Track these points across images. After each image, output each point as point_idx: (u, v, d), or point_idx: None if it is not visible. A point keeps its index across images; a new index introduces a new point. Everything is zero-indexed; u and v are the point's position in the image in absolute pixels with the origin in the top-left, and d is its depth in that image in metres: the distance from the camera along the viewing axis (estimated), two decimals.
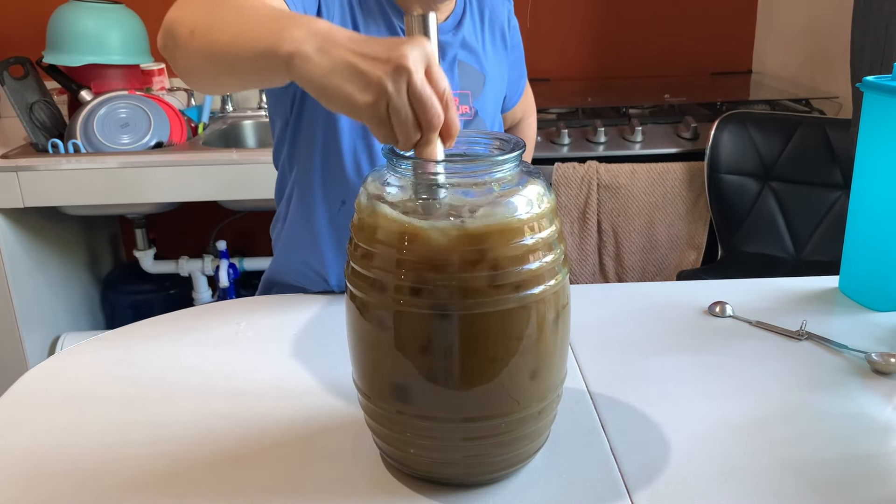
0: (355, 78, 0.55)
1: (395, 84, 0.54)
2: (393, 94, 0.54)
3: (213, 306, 1.02)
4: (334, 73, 0.57)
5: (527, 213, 0.58)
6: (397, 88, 0.54)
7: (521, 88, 1.25)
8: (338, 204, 0.99)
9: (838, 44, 2.05)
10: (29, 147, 1.93)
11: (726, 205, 1.94)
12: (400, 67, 0.54)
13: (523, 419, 0.61)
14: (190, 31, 0.70)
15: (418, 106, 0.55)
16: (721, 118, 1.94)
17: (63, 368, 0.86)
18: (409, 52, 0.54)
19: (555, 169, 1.94)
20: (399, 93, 0.54)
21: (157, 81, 2.08)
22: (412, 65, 0.54)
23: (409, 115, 0.55)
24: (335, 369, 0.83)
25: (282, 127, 1.01)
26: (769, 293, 1.02)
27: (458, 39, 1.03)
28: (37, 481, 0.66)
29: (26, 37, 2.26)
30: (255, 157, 1.82)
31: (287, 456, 0.69)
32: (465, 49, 1.04)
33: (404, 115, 0.55)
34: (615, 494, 0.63)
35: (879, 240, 0.95)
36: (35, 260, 1.98)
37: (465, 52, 1.04)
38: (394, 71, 0.54)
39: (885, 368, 0.81)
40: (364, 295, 0.60)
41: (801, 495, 0.63)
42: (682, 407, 0.76)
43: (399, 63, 0.54)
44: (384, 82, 0.54)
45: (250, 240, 2.52)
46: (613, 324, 0.94)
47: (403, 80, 0.54)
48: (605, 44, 2.54)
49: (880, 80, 0.93)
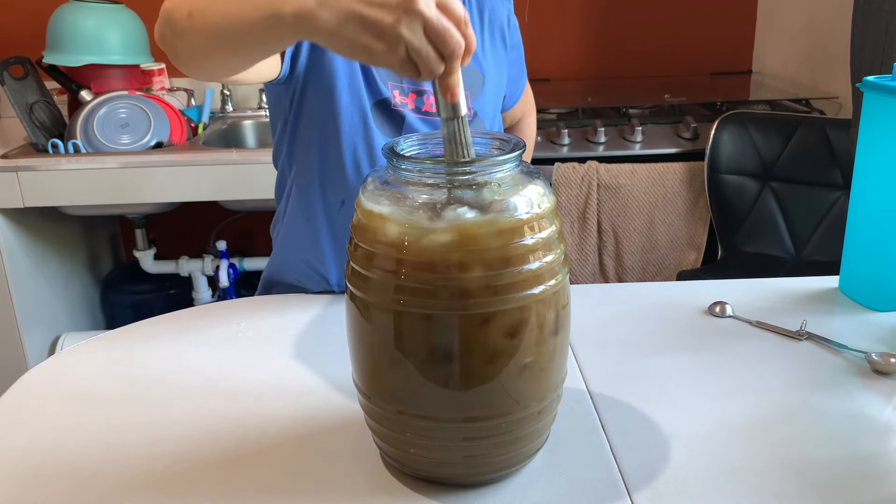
0: (367, 28, 0.55)
1: (410, 28, 0.54)
2: (410, 38, 0.54)
3: (213, 306, 1.02)
4: (344, 25, 0.56)
5: (527, 213, 0.58)
6: (412, 30, 0.54)
7: (520, 88, 1.25)
8: (338, 204, 0.99)
9: (838, 44, 2.05)
10: (29, 147, 1.93)
11: (726, 205, 1.94)
12: (410, 11, 0.53)
13: (523, 419, 0.61)
14: (188, 14, 0.69)
15: (439, 41, 0.54)
16: (721, 118, 1.94)
17: (63, 368, 0.86)
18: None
19: (555, 169, 1.94)
20: (416, 34, 0.54)
21: (157, 81, 2.08)
22: (421, 5, 0.54)
23: (430, 53, 0.55)
24: (335, 369, 0.83)
25: (281, 126, 1.01)
26: (769, 293, 1.02)
27: None
28: (37, 481, 0.66)
29: (26, 37, 2.26)
30: (255, 157, 1.82)
31: (287, 456, 0.69)
32: None
33: (426, 54, 0.55)
34: (615, 494, 0.63)
35: (879, 240, 0.95)
36: (35, 260, 1.98)
37: None
38: (405, 14, 0.54)
39: (885, 368, 0.81)
40: (364, 295, 0.60)
41: (801, 495, 0.63)
42: (682, 407, 0.76)
43: (408, 7, 0.53)
44: (398, 29, 0.54)
45: (250, 240, 2.52)
46: (613, 324, 0.94)
47: (418, 22, 0.54)
48: (605, 44, 2.54)
49: (880, 80, 0.93)
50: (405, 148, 0.63)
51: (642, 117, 2.05)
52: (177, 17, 0.71)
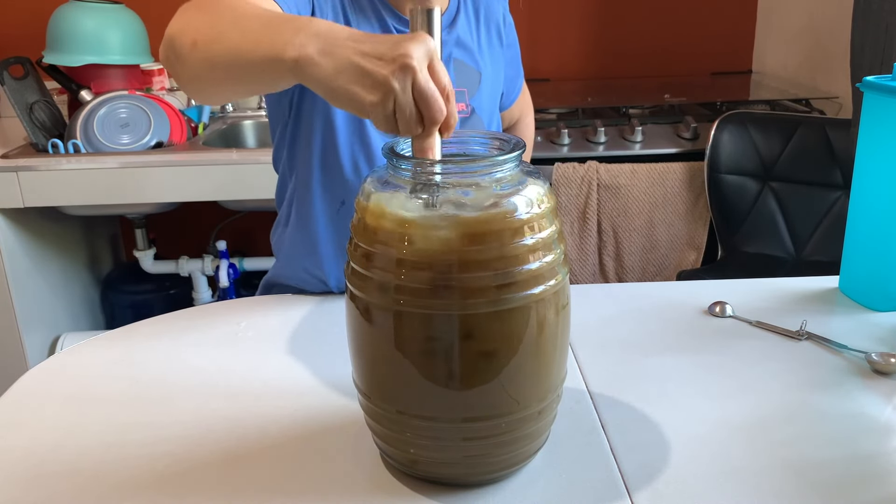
0: (361, 78, 0.56)
1: (400, 83, 0.55)
2: (399, 93, 0.55)
3: (213, 306, 1.02)
4: (340, 74, 0.57)
5: (527, 213, 0.58)
6: (403, 87, 0.55)
7: (518, 87, 1.25)
8: (337, 205, 0.99)
9: (838, 44, 2.05)
10: (29, 147, 1.93)
11: (726, 205, 1.94)
12: (405, 66, 0.55)
13: (523, 419, 0.61)
14: (192, 43, 0.70)
15: (422, 103, 0.56)
16: (721, 118, 1.94)
17: (63, 368, 0.86)
18: (413, 51, 0.55)
19: (555, 169, 1.94)
20: (405, 91, 0.55)
21: (157, 81, 2.08)
22: (416, 63, 0.55)
23: (413, 112, 0.56)
24: (335, 369, 0.83)
25: (281, 130, 1.01)
26: (769, 293, 1.02)
27: (453, 38, 1.03)
28: (37, 481, 0.66)
29: (26, 37, 2.26)
30: (255, 157, 1.82)
31: (287, 456, 0.69)
32: (460, 47, 1.04)
33: (409, 113, 0.56)
34: (615, 494, 0.63)
35: (879, 240, 0.95)
36: (35, 260, 1.98)
37: (459, 49, 1.04)
38: (399, 70, 0.55)
39: (885, 368, 0.81)
40: (364, 295, 0.60)
41: (801, 495, 0.63)
42: (682, 407, 0.76)
43: (404, 62, 0.55)
44: (390, 82, 0.55)
45: (250, 240, 2.52)
46: (613, 324, 0.94)
47: (409, 79, 0.55)
48: (605, 44, 2.54)
49: (880, 80, 0.93)
50: (405, 148, 0.63)
51: (642, 117, 2.05)
52: (180, 44, 0.71)
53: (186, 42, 0.70)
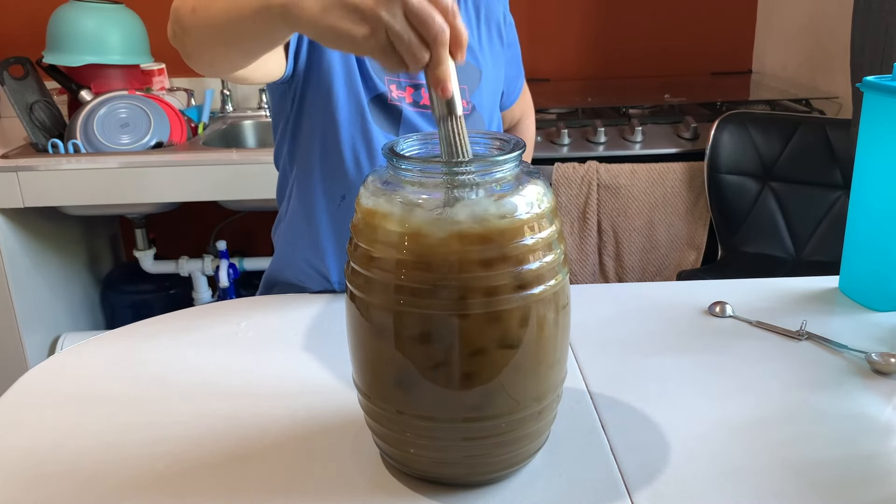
0: (349, 13, 0.55)
1: (388, 9, 0.53)
2: (389, 21, 0.53)
3: (213, 306, 1.02)
4: (327, 12, 0.56)
5: (527, 213, 0.58)
6: (392, 13, 0.53)
7: (518, 87, 1.25)
8: (338, 199, 1.00)
9: (838, 44, 2.05)
10: (29, 147, 1.93)
11: (726, 205, 1.94)
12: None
13: (523, 419, 0.61)
14: (191, 10, 0.72)
15: (420, 25, 0.53)
16: (721, 118, 1.94)
17: (63, 368, 0.86)
18: None
19: (555, 169, 1.94)
20: (395, 17, 0.53)
21: (157, 81, 2.08)
22: None
23: (412, 38, 0.54)
24: (335, 369, 0.83)
25: (283, 125, 1.01)
26: (769, 293, 1.02)
27: None
28: (37, 481, 0.66)
29: (26, 37, 2.26)
30: (255, 157, 1.82)
31: (287, 456, 0.69)
32: None
33: (407, 39, 0.54)
34: (615, 494, 0.63)
35: (879, 240, 0.95)
36: (35, 260, 1.98)
37: None
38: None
39: (885, 368, 0.81)
40: (364, 295, 0.60)
41: (801, 495, 0.63)
42: (682, 407, 0.76)
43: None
44: (377, 11, 0.53)
45: (250, 240, 2.52)
46: (613, 324, 0.94)
47: (397, 4, 0.53)
48: (605, 44, 2.54)
49: (880, 80, 0.93)
50: (405, 148, 0.63)
51: (642, 117, 2.05)
52: (182, 13, 0.73)
53: (187, 11, 0.72)
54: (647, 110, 2.14)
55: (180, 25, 0.74)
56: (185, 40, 0.74)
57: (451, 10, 0.55)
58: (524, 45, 1.22)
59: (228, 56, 0.74)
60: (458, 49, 0.56)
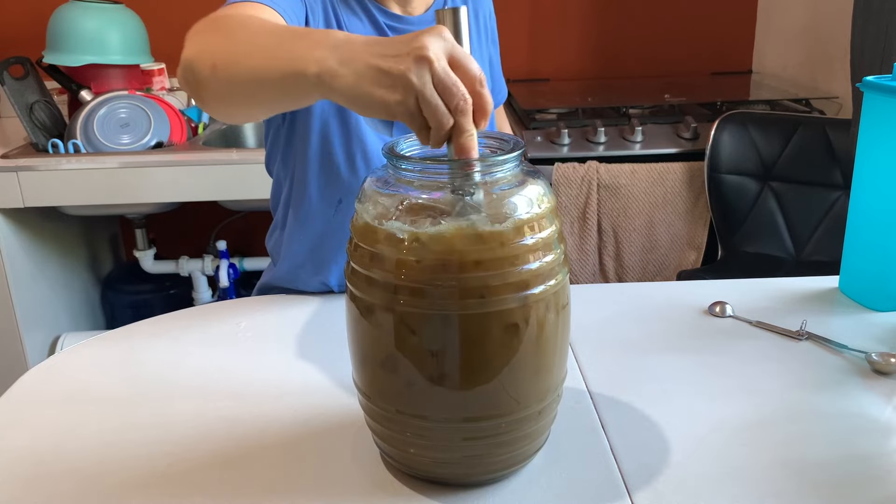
0: (382, 80, 0.56)
1: (418, 76, 0.54)
2: (419, 87, 0.54)
3: (213, 306, 1.02)
4: (362, 80, 0.57)
5: (527, 213, 0.58)
6: (421, 80, 0.54)
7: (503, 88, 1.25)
8: (335, 203, 0.99)
9: (838, 44, 2.05)
10: (29, 147, 1.93)
11: (726, 205, 1.94)
12: (420, 59, 0.54)
13: (523, 419, 0.61)
14: (211, 67, 0.69)
15: (443, 92, 0.55)
16: (721, 118, 1.94)
17: (63, 368, 0.86)
18: (428, 43, 0.54)
19: (555, 169, 1.94)
20: (424, 84, 0.54)
21: (157, 81, 2.08)
22: (432, 54, 0.54)
23: (437, 105, 0.55)
24: (335, 369, 0.83)
25: (275, 132, 1.01)
26: (769, 293, 1.02)
27: None
28: (37, 481, 0.66)
29: (26, 37, 2.26)
30: (255, 157, 1.82)
31: (287, 456, 0.69)
32: None
33: (434, 105, 0.55)
34: (615, 494, 0.63)
35: (879, 240, 0.95)
36: (35, 260, 1.98)
37: None
38: (415, 63, 0.54)
39: (885, 368, 0.81)
40: (364, 295, 0.60)
41: (801, 495, 0.63)
42: (682, 407, 0.76)
43: (419, 55, 0.54)
44: (408, 76, 0.54)
45: (250, 240, 2.52)
46: (613, 324, 0.94)
47: (426, 71, 0.54)
48: (605, 44, 2.54)
49: (880, 80, 0.93)
50: (405, 148, 0.63)
51: (642, 117, 2.05)
52: (200, 68, 0.70)
53: (205, 66, 0.69)
54: (647, 110, 2.14)
55: (196, 78, 0.71)
56: (202, 94, 0.72)
57: (479, 79, 0.56)
58: (524, 46, 1.22)
59: (251, 111, 0.73)
60: (482, 118, 0.57)
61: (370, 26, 0.97)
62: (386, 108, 0.56)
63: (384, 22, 0.98)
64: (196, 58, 0.71)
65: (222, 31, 0.72)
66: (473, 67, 0.56)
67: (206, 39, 0.72)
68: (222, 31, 0.72)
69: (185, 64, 0.72)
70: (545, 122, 2.05)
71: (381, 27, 0.98)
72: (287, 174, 1.02)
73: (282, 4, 0.85)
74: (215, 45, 0.70)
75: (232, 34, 0.71)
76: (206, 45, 0.71)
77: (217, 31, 0.72)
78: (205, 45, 0.71)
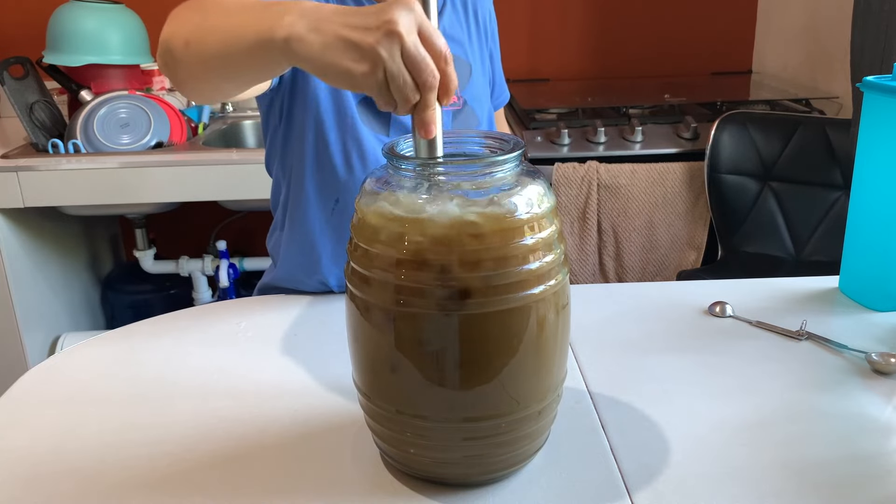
0: (350, 50, 0.56)
1: (388, 50, 0.54)
2: (387, 60, 0.54)
3: (213, 306, 1.02)
4: (329, 48, 0.57)
5: (527, 213, 0.58)
6: (391, 54, 0.54)
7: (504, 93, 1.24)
8: (331, 203, 0.99)
9: (838, 44, 2.05)
10: (29, 147, 1.93)
11: (726, 205, 1.94)
12: (391, 33, 0.54)
13: (523, 419, 0.61)
14: (185, 43, 0.70)
15: (412, 68, 0.55)
16: (721, 118, 1.94)
17: (63, 368, 0.86)
18: (399, 17, 0.54)
19: (555, 169, 1.94)
20: (393, 58, 0.54)
21: (157, 81, 2.08)
22: (403, 29, 0.54)
23: (406, 80, 0.55)
24: (335, 369, 0.83)
25: (272, 133, 1.01)
26: (769, 293, 1.02)
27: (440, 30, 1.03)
28: (37, 481, 0.66)
29: (26, 37, 2.26)
30: (255, 157, 1.82)
31: (287, 456, 0.69)
32: (448, 39, 1.04)
33: (401, 81, 0.55)
34: (615, 494, 0.63)
35: (879, 240, 0.95)
36: (35, 260, 1.98)
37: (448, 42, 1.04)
38: (385, 37, 0.54)
39: (885, 368, 0.81)
40: (364, 295, 0.60)
41: (801, 495, 0.63)
42: (682, 407, 0.76)
43: (389, 29, 0.54)
44: (377, 49, 0.54)
45: (250, 240, 2.52)
46: (613, 324, 0.94)
47: (396, 45, 0.54)
48: (605, 44, 2.54)
49: (880, 80, 0.93)
50: (405, 148, 0.63)
51: (642, 117, 2.05)
52: (174, 45, 0.71)
53: (179, 43, 0.70)
54: (647, 110, 2.14)
55: (172, 56, 0.72)
56: (178, 71, 0.73)
57: (445, 56, 0.56)
58: (524, 46, 1.22)
59: (221, 87, 0.74)
60: (444, 95, 0.58)
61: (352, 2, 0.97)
62: (351, 79, 0.56)
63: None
64: (171, 37, 0.71)
65: (197, 9, 0.72)
66: (440, 43, 0.56)
67: (182, 18, 0.72)
68: (198, 8, 0.72)
69: (161, 44, 0.73)
70: (545, 122, 2.05)
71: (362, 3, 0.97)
72: (285, 174, 1.02)
73: None
74: (189, 23, 0.71)
75: (206, 10, 0.71)
76: (181, 24, 0.72)
77: (192, 9, 0.72)
78: (180, 24, 0.72)
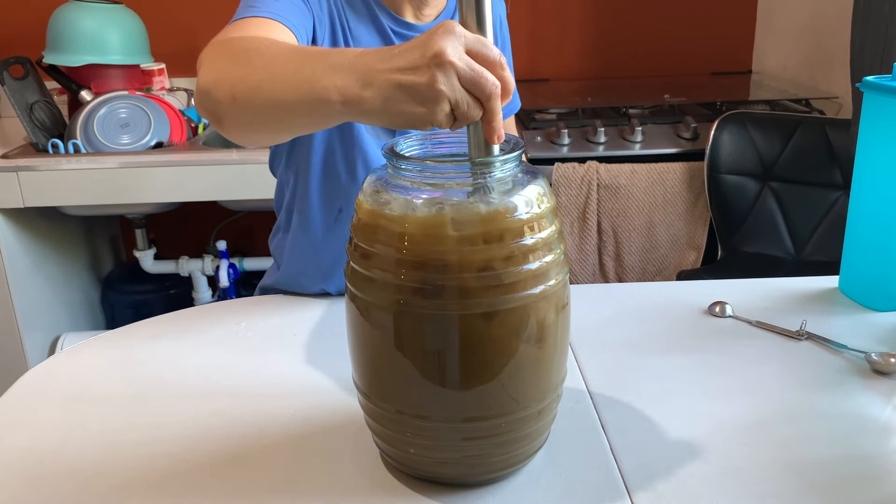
0: (409, 95, 0.56)
1: (446, 83, 0.54)
2: (449, 93, 0.54)
3: (213, 306, 1.02)
4: (389, 101, 0.57)
5: (527, 213, 0.58)
6: (450, 86, 0.54)
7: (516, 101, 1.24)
8: (335, 212, 0.99)
9: (838, 44, 2.05)
10: (29, 147, 1.93)
11: (726, 205, 1.94)
12: (442, 64, 0.54)
13: (523, 419, 0.61)
14: (231, 98, 0.68)
15: (473, 88, 0.55)
16: (721, 118, 1.94)
17: (63, 368, 0.86)
18: (445, 46, 0.54)
19: (555, 169, 1.94)
20: (453, 89, 0.54)
21: (157, 81, 2.08)
22: (453, 57, 0.54)
23: (470, 102, 0.55)
24: (335, 369, 0.83)
25: None
26: (769, 293, 1.02)
27: None
28: (37, 481, 0.66)
29: (26, 37, 2.25)
30: (255, 157, 1.82)
31: (287, 456, 0.69)
32: None
33: (465, 106, 0.55)
34: (615, 494, 0.63)
35: (879, 240, 0.95)
36: (35, 260, 1.98)
37: None
38: (438, 71, 0.54)
39: (885, 368, 0.81)
40: (364, 295, 0.60)
41: (801, 495, 0.63)
42: (682, 407, 0.76)
43: (439, 61, 0.54)
44: (436, 87, 0.54)
45: (250, 240, 2.52)
46: (613, 324, 0.94)
47: (452, 75, 0.54)
48: (605, 44, 2.54)
49: (880, 80, 0.93)
50: (405, 148, 0.63)
51: (642, 117, 2.05)
52: (219, 97, 0.69)
53: (225, 97, 0.68)
54: (647, 110, 2.14)
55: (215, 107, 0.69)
56: (223, 123, 0.71)
57: (500, 62, 0.56)
58: (524, 46, 1.21)
59: (273, 137, 0.74)
60: (506, 97, 0.58)
61: (376, 33, 0.97)
62: (420, 121, 0.57)
63: (390, 27, 0.97)
64: (213, 87, 0.69)
65: (237, 59, 0.70)
66: (492, 53, 0.56)
67: (222, 67, 0.70)
68: (237, 58, 0.70)
69: (202, 92, 0.71)
70: (545, 122, 2.05)
71: (387, 34, 0.97)
72: (289, 179, 1.02)
73: (290, 18, 0.84)
74: (232, 74, 0.68)
75: (248, 62, 0.69)
76: (222, 74, 0.69)
77: (232, 58, 0.70)
78: (221, 74, 0.69)
